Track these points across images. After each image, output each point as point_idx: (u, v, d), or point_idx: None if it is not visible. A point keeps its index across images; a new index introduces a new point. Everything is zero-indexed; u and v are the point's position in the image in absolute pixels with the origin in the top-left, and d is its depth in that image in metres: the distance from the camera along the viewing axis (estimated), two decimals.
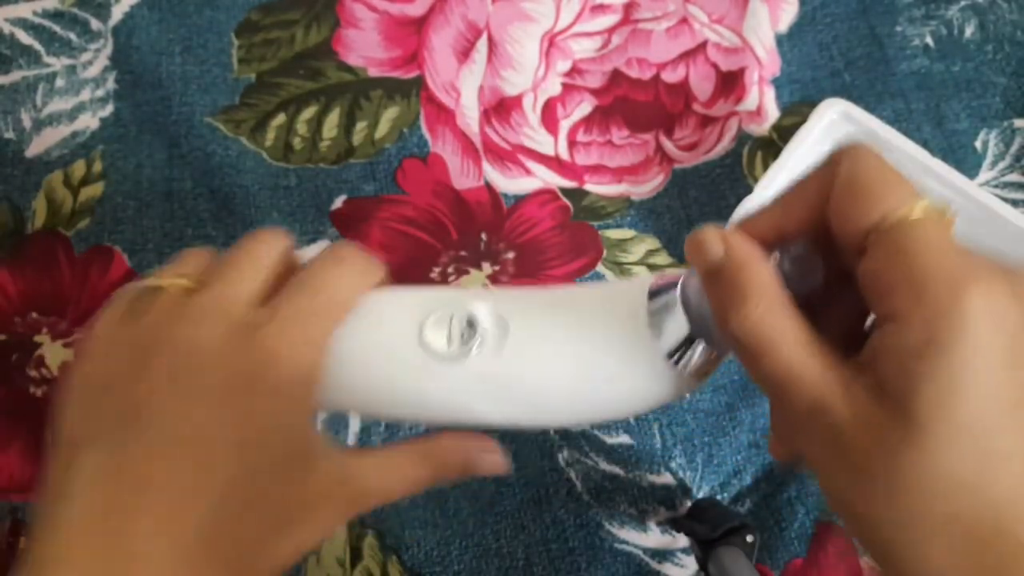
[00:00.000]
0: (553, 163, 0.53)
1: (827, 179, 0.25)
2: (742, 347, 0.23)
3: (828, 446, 0.22)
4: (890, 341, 0.22)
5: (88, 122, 0.53)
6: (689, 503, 0.46)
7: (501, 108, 0.54)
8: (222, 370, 0.27)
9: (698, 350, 0.26)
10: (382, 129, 0.54)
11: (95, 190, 0.52)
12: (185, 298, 0.28)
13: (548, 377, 0.28)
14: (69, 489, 0.26)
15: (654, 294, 0.27)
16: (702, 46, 0.56)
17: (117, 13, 0.56)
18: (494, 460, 0.32)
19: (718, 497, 0.47)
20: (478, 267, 0.51)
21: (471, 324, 0.28)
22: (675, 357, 0.27)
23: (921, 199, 0.23)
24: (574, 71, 0.56)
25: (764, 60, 0.56)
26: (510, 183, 0.53)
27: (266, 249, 0.30)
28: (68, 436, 0.27)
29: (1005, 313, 0.21)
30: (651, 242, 0.51)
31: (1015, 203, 0.52)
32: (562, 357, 0.28)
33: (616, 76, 0.55)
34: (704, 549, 0.42)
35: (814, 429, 0.23)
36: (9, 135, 0.53)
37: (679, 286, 0.26)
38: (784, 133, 0.54)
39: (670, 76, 0.56)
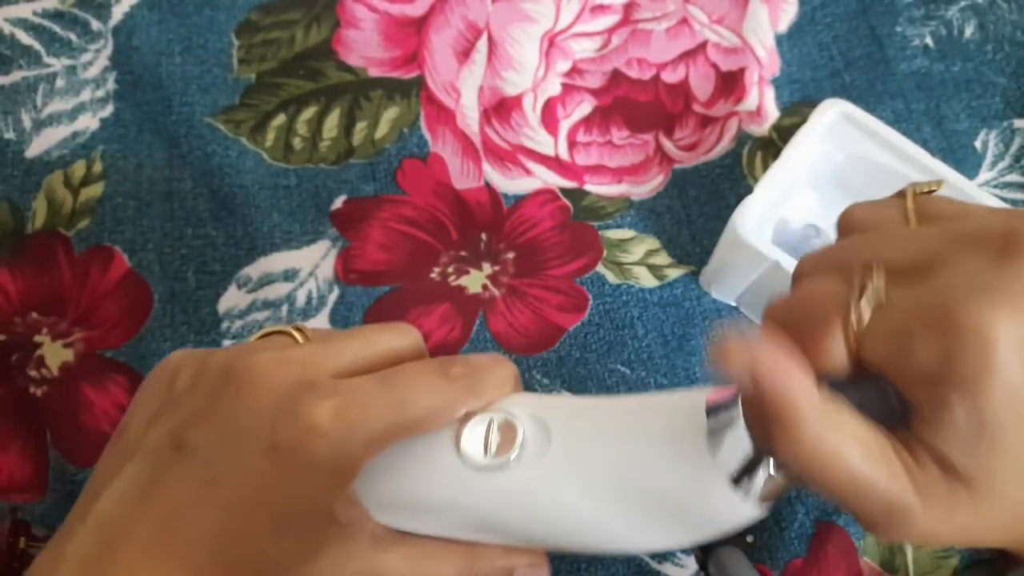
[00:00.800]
0: (553, 163, 0.53)
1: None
2: (801, 473, 0.23)
3: (899, 526, 0.23)
4: (939, 428, 0.22)
5: (88, 122, 0.53)
6: None
7: (501, 108, 0.54)
8: (257, 422, 0.26)
9: (764, 473, 0.24)
10: (382, 129, 0.54)
11: (95, 190, 0.52)
12: (285, 345, 0.28)
13: (592, 494, 0.25)
14: (97, 494, 0.27)
15: (713, 410, 0.25)
16: (702, 46, 0.56)
17: (117, 13, 0.56)
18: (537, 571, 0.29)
19: None
20: (478, 267, 0.51)
21: (510, 429, 0.26)
22: (739, 481, 0.24)
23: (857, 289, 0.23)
24: (574, 71, 0.56)
25: (764, 60, 0.56)
26: (510, 183, 0.53)
27: (386, 335, 0.29)
28: (132, 438, 0.27)
29: (1016, 352, 0.21)
30: (651, 242, 0.51)
31: (1015, 203, 0.53)
32: (608, 475, 0.25)
33: (616, 76, 0.55)
34: (704, 549, 0.42)
35: (888, 521, 0.23)
36: (9, 135, 0.53)
37: (739, 401, 0.24)
38: (784, 133, 0.54)
39: (670, 76, 0.56)
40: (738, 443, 0.24)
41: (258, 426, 0.26)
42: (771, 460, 0.24)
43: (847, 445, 0.22)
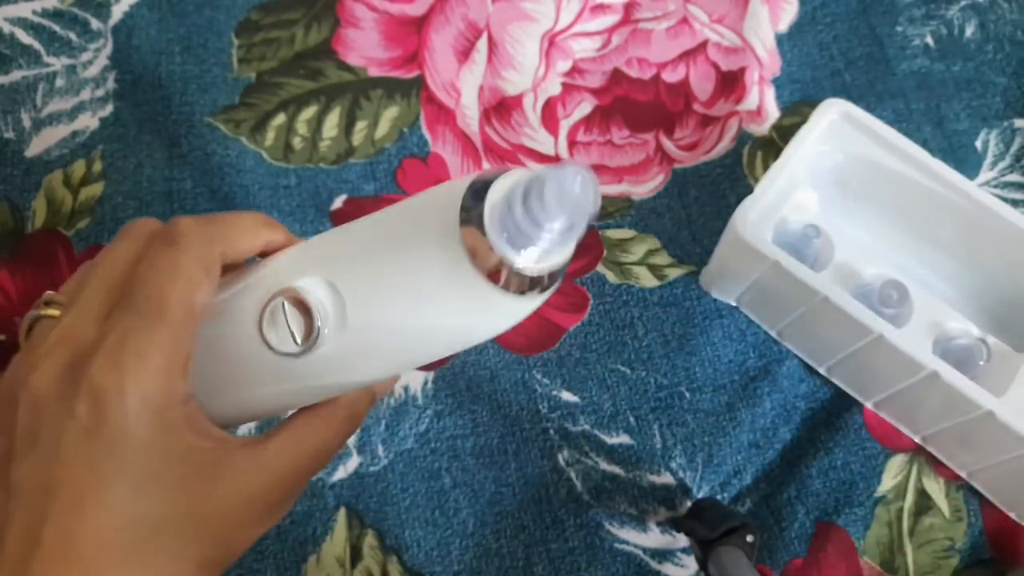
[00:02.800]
0: (553, 163, 0.53)
1: None
2: None
3: None
4: None
5: (88, 122, 0.53)
6: (689, 503, 0.46)
7: (501, 108, 0.54)
8: (60, 420, 0.25)
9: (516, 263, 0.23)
10: (382, 129, 0.54)
11: (95, 190, 0.52)
12: (48, 331, 0.27)
13: (399, 333, 0.26)
14: None
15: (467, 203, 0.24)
16: (702, 46, 0.56)
17: (117, 13, 0.56)
18: (385, 386, 0.31)
19: (718, 497, 0.47)
20: None
21: (303, 305, 0.26)
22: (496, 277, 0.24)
23: None
24: (574, 71, 0.56)
25: (764, 60, 0.56)
26: None
27: (121, 250, 0.28)
28: None
29: None
30: (651, 242, 0.51)
31: (1015, 203, 0.52)
32: (404, 308, 0.26)
33: (616, 76, 0.55)
34: (704, 549, 0.42)
35: None
36: (9, 135, 0.53)
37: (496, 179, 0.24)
38: (784, 133, 0.54)
39: (670, 76, 0.56)
40: (487, 244, 0.23)
41: (62, 425, 0.25)
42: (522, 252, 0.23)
43: None
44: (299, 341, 0.26)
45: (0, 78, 0.54)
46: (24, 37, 0.55)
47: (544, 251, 0.23)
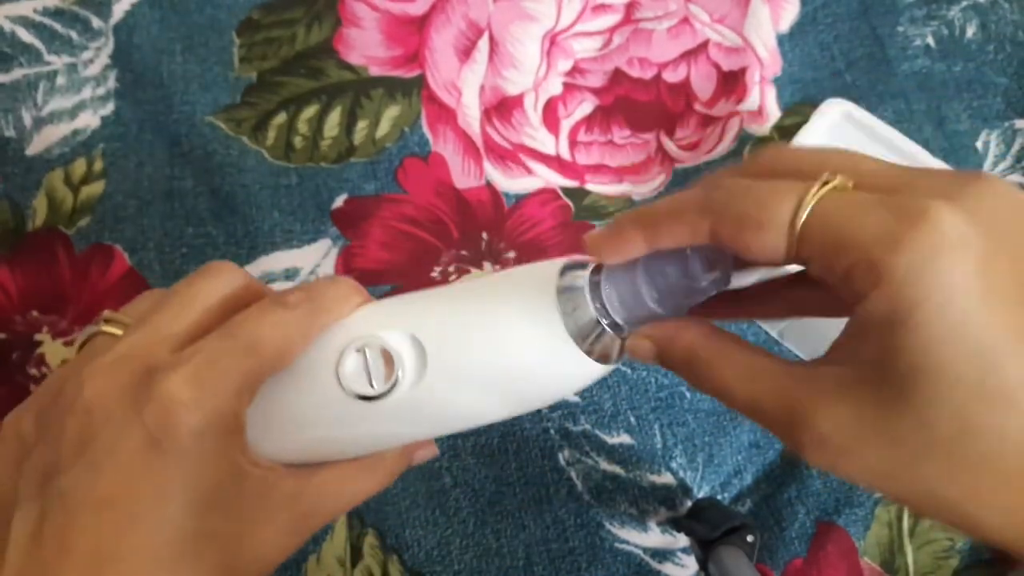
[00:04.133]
0: (554, 162, 0.53)
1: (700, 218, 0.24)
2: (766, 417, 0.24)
3: (798, 435, 0.23)
4: (861, 322, 0.22)
5: (89, 120, 0.53)
6: (689, 503, 0.46)
7: (502, 107, 0.54)
8: (122, 428, 0.25)
9: (606, 332, 0.26)
10: (383, 128, 0.54)
11: (96, 188, 0.52)
12: (110, 346, 0.27)
13: (477, 392, 0.27)
14: (3, 553, 0.25)
15: (566, 270, 0.27)
16: (703, 46, 0.56)
17: (118, 11, 0.56)
18: (430, 451, 0.32)
19: (718, 497, 0.47)
20: (479, 266, 0.51)
21: (387, 357, 0.27)
22: (585, 338, 0.26)
23: (813, 183, 0.22)
24: (575, 70, 0.56)
25: (765, 60, 0.56)
26: (511, 182, 0.53)
27: (206, 286, 0.28)
28: (1, 493, 0.27)
29: (963, 247, 0.20)
30: None
31: None
32: (487, 369, 0.27)
33: (617, 75, 0.55)
34: (704, 549, 0.42)
35: (791, 433, 0.23)
36: (10, 133, 0.53)
37: (587, 274, 0.26)
38: (785, 133, 0.54)
39: (671, 76, 0.56)
40: (583, 303, 0.26)
41: (124, 433, 0.25)
42: (611, 321, 0.26)
43: (735, 375, 0.24)
44: (375, 386, 0.27)
45: (1, 76, 0.54)
46: (25, 35, 0.55)
47: (638, 322, 0.26)
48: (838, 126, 0.47)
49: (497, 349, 0.27)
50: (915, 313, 0.20)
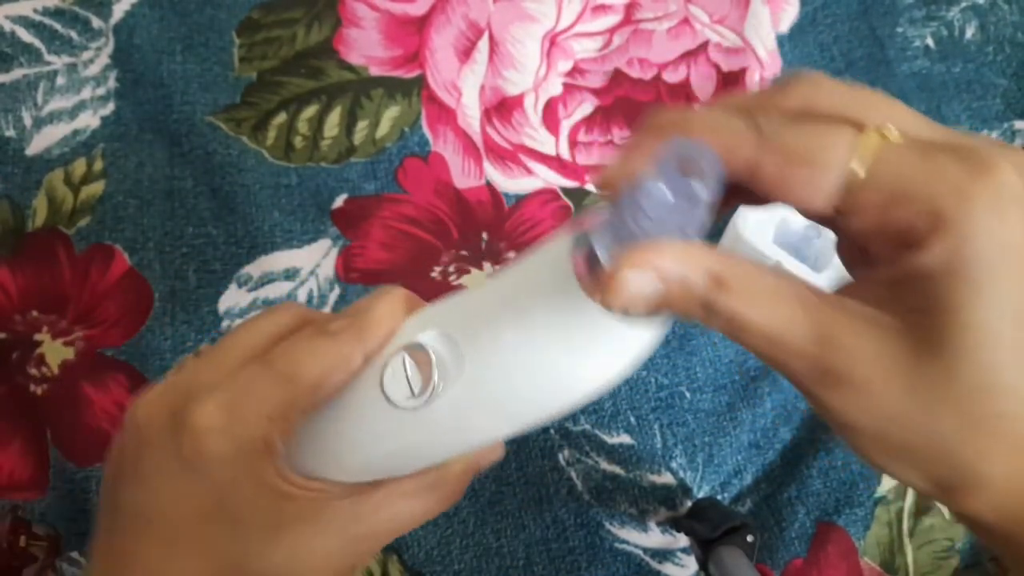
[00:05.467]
0: (554, 163, 0.53)
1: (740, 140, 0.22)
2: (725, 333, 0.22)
3: (829, 390, 0.21)
4: (909, 271, 0.21)
5: (89, 120, 0.53)
6: (689, 503, 0.46)
7: (502, 108, 0.54)
8: (164, 451, 0.26)
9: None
10: (383, 128, 0.54)
11: (96, 188, 0.52)
12: (172, 373, 0.29)
13: (516, 379, 0.27)
14: (87, 568, 0.27)
15: (577, 240, 0.25)
16: (703, 46, 0.56)
17: (118, 11, 0.56)
18: (496, 455, 0.31)
19: (718, 497, 0.47)
20: (479, 266, 0.51)
21: (423, 357, 0.27)
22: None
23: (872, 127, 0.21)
24: (575, 71, 0.56)
25: (765, 60, 0.56)
26: (511, 183, 0.53)
27: (264, 320, 0.29)
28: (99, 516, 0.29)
29: (1022, 204, 0.20)
30: None
31: None
32: (520, 352, 0.26)
33: (617, 76, 0.55)
34: (704, 549, 0.42)
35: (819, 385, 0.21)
36: (10, 133, 0.53)
37: (593, 236, 0.23)
38: None
39: (671, 76, 0.56)
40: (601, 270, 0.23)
41: (165, 456, 0.26)
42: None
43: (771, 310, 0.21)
44: (417, 392, 0.27)
45: (1, 76, 0.54)
46: (25, 36, 0.55)
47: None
48: None
49: (524, 331, 0.26)
50: (972, 266, 0.20)
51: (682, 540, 0.46)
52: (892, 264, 0.21)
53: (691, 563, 0.46)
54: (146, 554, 0.26)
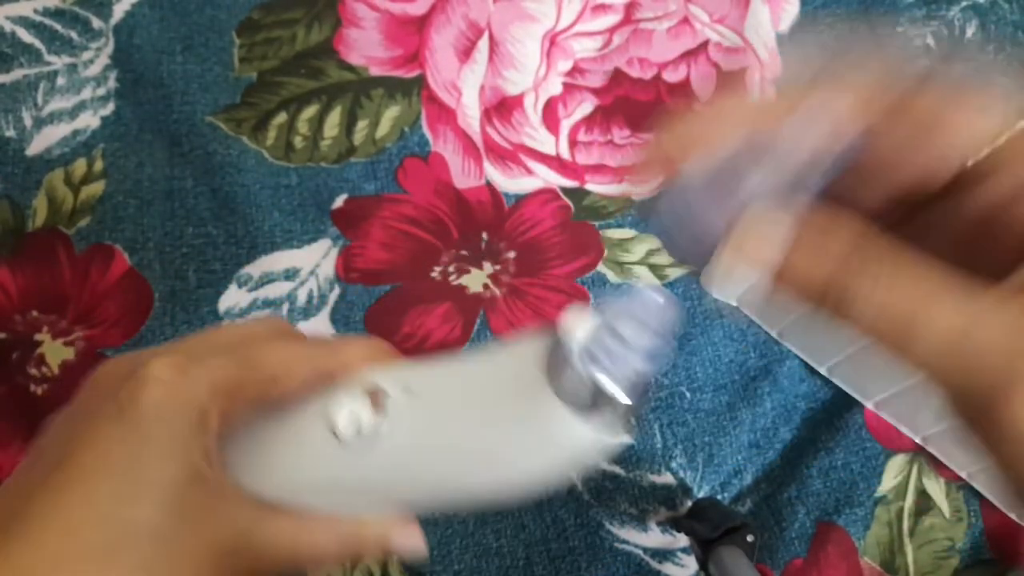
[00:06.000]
0: (554, 163, 0.53)
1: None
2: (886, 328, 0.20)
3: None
4: None
5: (89, 120, 0.53)
6: (689, 503, 0.46)
7: (502, 107, 0.54)
8: (104, 394, 0.26)
9: (605, 399, 0.24)
10: (383, 128, 0.54)
11: (96, 188, 0.52)
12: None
13: (460, 447, 0.27)
14: None
15: (553, 348, 0.26)
16: (703, 46, 0.56)
17: (118, 12, 0.56)
18: (415, 541, 0.29)
19: (718, 497, 0.47)
20: (479, 267, 0.51)
21: (376, 399, 0.27)
22: (583, 410, 0.25)
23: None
24: (575, 71, 0.56)
25: (765, 60, 0.56)
26: (511, 182, 0.53)
27: (242, 328, 0.29)
28: None
29: None
30: (652, 242, 0.51)
31: None
32: (470, 423, 0.26)
33: (617, 76, 0.55)
34: (704, 549, 0.42)
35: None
36: (10, 133, 0.53)
37: (561, 338, 0.25)
38: None
39: (671, 76, 0.56)
40: (576, 376, 0.25)
41: (102, 402, 0.26)
42: (612, 388, 0.24)
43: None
44: (362, 429, 0.27)
45: (1, 76, 0.54)
46: (25, 36, 0.55)
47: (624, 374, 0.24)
48: None
49: (484, 409, 0.26)
50: None
51: (682, 540, 0.46)
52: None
53: (691, 563, 0.46)
54: (41, 498, 0.24)
